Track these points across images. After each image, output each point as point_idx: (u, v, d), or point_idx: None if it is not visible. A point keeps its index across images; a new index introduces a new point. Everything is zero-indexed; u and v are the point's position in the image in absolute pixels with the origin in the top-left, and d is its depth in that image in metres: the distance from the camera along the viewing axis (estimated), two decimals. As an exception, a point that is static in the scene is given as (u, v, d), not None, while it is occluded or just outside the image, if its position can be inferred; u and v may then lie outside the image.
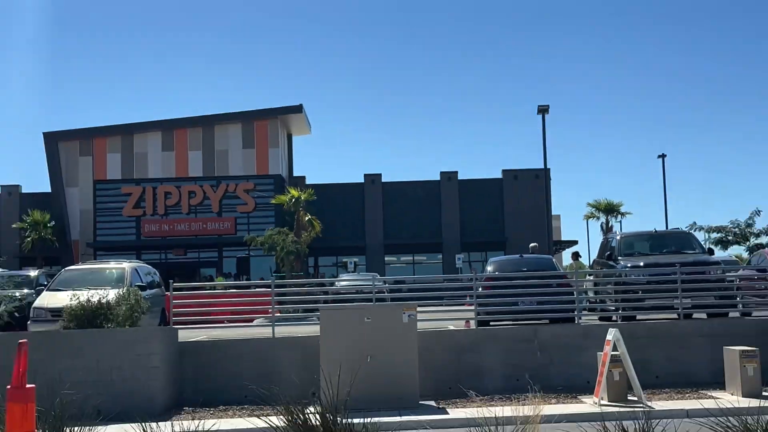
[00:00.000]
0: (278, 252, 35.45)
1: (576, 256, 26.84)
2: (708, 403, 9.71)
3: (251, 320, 18.13)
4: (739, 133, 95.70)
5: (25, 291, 18.80)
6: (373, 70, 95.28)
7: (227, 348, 14.50)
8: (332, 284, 24.79)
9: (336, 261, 47.20)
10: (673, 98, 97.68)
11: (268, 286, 16.73)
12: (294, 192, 37.77)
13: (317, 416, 6.96)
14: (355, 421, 6.99)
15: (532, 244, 23.10)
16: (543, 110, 36.65)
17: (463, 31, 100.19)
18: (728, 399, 11.30)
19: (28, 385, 4.38)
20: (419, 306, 13.97)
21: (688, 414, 9.25)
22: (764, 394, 11.58)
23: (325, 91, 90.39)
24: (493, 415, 6.90)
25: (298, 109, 47.80)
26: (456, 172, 47.45)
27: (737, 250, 42.81)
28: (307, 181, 46.09)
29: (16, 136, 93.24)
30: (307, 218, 36.99)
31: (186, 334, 15.23)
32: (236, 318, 17.36)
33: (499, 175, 47.42)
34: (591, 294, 18.06)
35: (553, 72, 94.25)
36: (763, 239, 42.26)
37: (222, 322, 17.09)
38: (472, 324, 15.46)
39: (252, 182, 45.26)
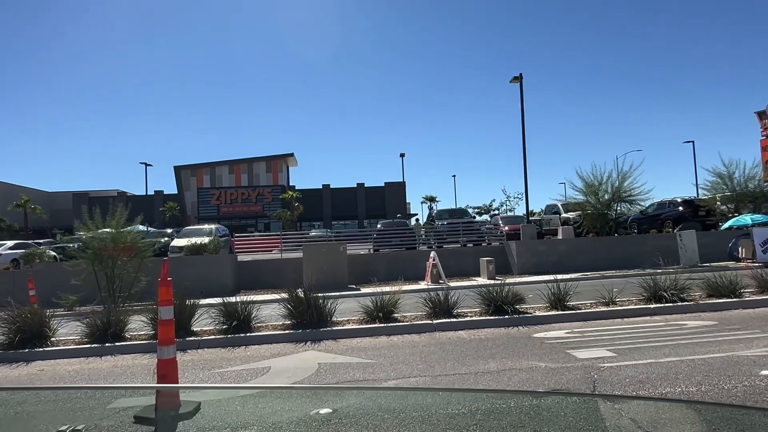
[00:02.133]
0: (283, 220, 50.68)
1: (417, 220, 35.38)
2: (472, 282, 13.47)
3: (271, 251, 21.90)
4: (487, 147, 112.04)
5: (166, 239, 22.67)
6: (326, 130, 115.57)
7: (260, 263, 18.40)
8: (308, 234, 29.36)
9: (310, 224, 59.26)
10: (462, 138, 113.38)
11: (279, 236, 22.46)
12: (290, 193, 52.33)
13: (302, 292, 8.97)
14: (319, 294, 9.06)
15: (398, 215, 35.10)
16: (402, 155, 58.64)
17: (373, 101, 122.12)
18: (480, 280, 15.36)
19: (168, 279, 4.98)
20: (348, 243, 18.12)
21: (465, 287, 11.56)
22: (496, 278, 15.63)
23: (306, 139, 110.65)
24: (381, 290, 9.34)
25: (292, 155, 63.60)
26: (363, 183, 62.41)
27: (485, 217, 60.01)
28: (297, 188, 58.65)
29: (160, 165, 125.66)
30: (296, 205, 50.46)
31: (241, 257, 19.35)
32: (264, 250, 21.98)
33: (383, 185, 62.37)
34: (424, 236, 23.13)
35: (408, 130, 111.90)
36: (496, 211, 62.23)
37: (258, 251, 21.69)
38: (372, 250, 20.57)
39: (270, 188, 59.94)
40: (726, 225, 19.57)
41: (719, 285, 9.66)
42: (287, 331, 8.37)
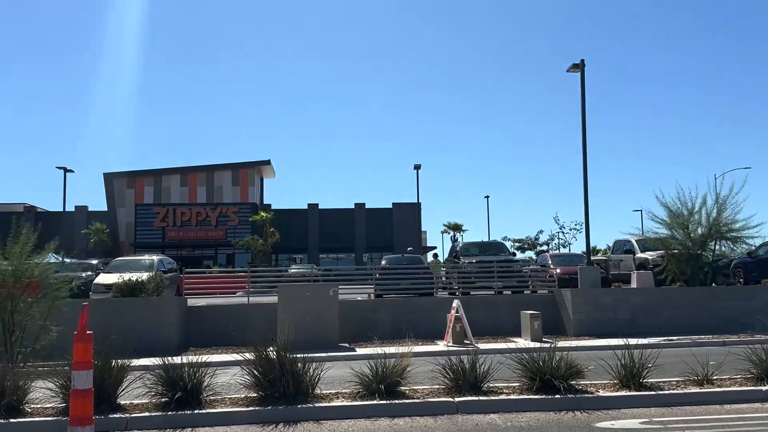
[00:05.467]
0: (252, 251, 51.59)
1: (435, 255, 33.43)
2: (510, 345, 12.73)
3: (235, 293, 22.37)
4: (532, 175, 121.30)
5: (89, 273, 23.20)
6: (315, 133, 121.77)
7: (218, 310, 18.49)
8: (287, 271, 29.93)
9: (289, 258, 62.00)
10: (497, 149, 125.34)
11: (245, 272, 22.51)
12: (263, 214, 52.98)
13: (274, 352, 8.95)
14: (298, 355, 8.94)
15: (409, 248, 34.16)
16: (417, 167, 53.18)
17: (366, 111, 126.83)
18: (522, 342, 15.24)
19: (88, 332, 4.97)
20: (340, 285, 18.49)
21: (499, 351, 11.06)
22: (543, 339, 15.89)
23: (288, 145, 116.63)
24: (383, 352, 9.15)
25: (268, 162, 66.13)
26: (364, 204, 63.82)
27: (529, 253, 62.56)
28: (272, 207, 61.08)
29: (85, 173, 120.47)
30: (270, 230, 51.63)
31: (192, 302, 19.10)
32: (225, 291, 22.19)
33: (390, 206, 63.77)
34: (444, 279, 23.44)
35: (425, 137, 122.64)
36: (545, 247, 63.96)
37: (217, 294, 21.66)
38: (372, 296, 20.82)
39: (237, 207, 60.95)
40: None
41: None
42: (252, 408, 8.34)
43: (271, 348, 9.13)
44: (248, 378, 8.90)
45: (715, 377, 9.45)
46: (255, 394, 8.74)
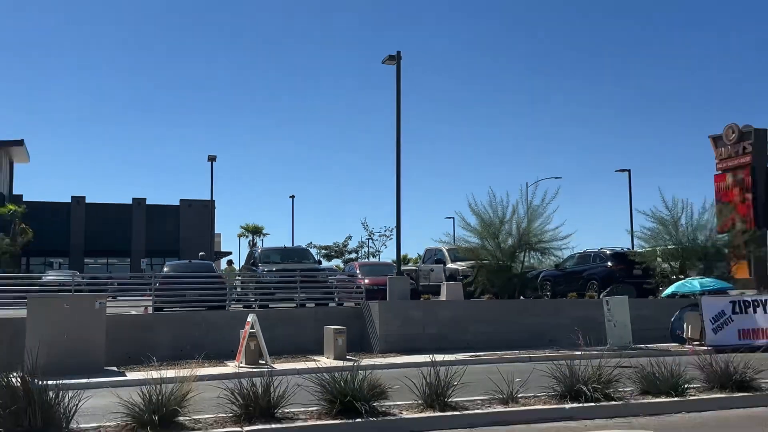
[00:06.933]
0: None
1: (230, 262, 32.49)
2: (311, 364, 12.97)
3: None
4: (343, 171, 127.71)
5: None
6: (82, 111, 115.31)
7: None
8: (40, 279, 28.51)
9: (45, 262, 59.11)
10: (304, 148, 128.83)
11: None
12: (11, 206, 49.30)
13: (18, 379, 8.47)
14: (50, 382, 8.47)
15: (200, 253, 34.51)
16: (212, 159, 49.94)
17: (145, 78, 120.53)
18: (325, 361, 15.79)
19: None
20: (110, 296, 18.50)
21: (298, 371, 11.79)
22: (348, 357, 16.50)
23: (46, 127, 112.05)
24: (161, 377, 8.85)
25: (20, 143, 59.48)
26: (144, 199, 63.44)
27: (336, 262, 64.82)
28: (24, 199, 57.19)
29: None
30: (21, 226, 48.32)
31: None
32: None
33: (178, 203, 63.82)
34: (239, 289, 23.76)
35: (223, 126, 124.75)
36: (353, 255, 66.36)
37: None
38: (151, 309, 20.22)
39: None
40: (668, 291, 21.50)
41: (657, 377, 10.65)
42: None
43: (16, 374, 8.61)
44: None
45: (520, 395, 10.14)
46: (-7, 430, 8.22)
